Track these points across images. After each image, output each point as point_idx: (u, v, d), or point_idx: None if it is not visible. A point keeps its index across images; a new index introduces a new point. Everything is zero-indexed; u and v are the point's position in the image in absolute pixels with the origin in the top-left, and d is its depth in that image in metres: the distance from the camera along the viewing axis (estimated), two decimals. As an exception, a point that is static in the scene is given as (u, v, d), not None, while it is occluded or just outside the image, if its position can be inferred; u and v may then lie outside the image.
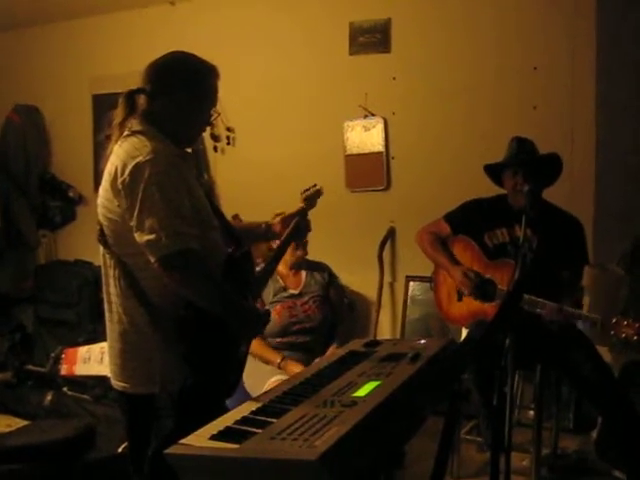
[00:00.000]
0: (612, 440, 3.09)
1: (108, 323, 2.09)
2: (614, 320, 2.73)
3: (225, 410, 1.61)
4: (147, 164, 1.88)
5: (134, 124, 2.01)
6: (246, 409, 1.52)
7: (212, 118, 2.15)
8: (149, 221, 1.86)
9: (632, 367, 3.33)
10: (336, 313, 3.77)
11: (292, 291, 3.60)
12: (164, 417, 1.96)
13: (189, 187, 1.97)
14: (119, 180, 1.90)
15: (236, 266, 2.10)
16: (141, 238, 1.87)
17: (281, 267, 3.62)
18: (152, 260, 1.88)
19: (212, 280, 1.97)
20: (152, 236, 1.85)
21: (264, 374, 3.26)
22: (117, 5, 4.98)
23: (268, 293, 3.54)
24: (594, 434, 3.34)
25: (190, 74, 2.07)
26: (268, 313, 2.26)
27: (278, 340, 3.46)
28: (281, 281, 3.61)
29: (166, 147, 1.98)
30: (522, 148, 3.11)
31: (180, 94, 2.03)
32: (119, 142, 1.99)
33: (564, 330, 2.86)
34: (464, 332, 3.25)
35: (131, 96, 2.05)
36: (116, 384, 2.10)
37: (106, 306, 2.09)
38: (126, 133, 2.00)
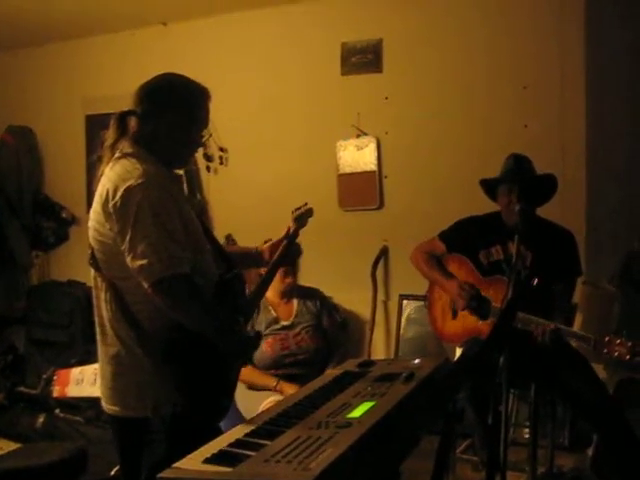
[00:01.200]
0: (608, 457, 3.08)
1: (100, 346, 2.07)
2: (607, 339, 2.72)
3: (217, 433, 1.60)
4: (138, 188, 1.87)
5: (125, 146, 2.01)
6: (240, 432, 1.51)
7: (203, 139, 2.15)
8: (141, 246, 1.85)
9: (627, 384, 3.32)
10: (330, 340, 3.75)
11: (284, 322, 3.57)
12: (156, 441, 1.93)
13: (180, 210, 1.97)
14: (110, 204, 1.89)
15: (227, 288, 2.09)
16: (133, 263, 1.86)
17: (272, 296, 3.61)
18: (145, 285, 1.86)
19: (204, 304, 1.95)
20: (144, 261, 1.84)
21: (259, 396, 3.24)
22: (110, 26, 5.00)
23: (260, 324, 3.51)
24: (590, 452, 3.33)
25: (181, 96, 2.06)
26: (259, 336, 2.25)
27: (271, 372, 3.44)
28: (273, 312, 3.58)
29: (157, 170, 1.97)
30: (518, 165, 3.11)
31: (171, 116, 2.03)
32: (110, 164, 1.99)
33: (558, 348, 2.85)
34: (458, 351, 3.25)
35: (122, 118, 2.04)
36: (107, 407, 2.07)
37: (98, 329, 2.07)
38: (117, 155, 1.99)
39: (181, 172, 2.24)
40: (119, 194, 1.88)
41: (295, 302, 3.66)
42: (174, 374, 1.94)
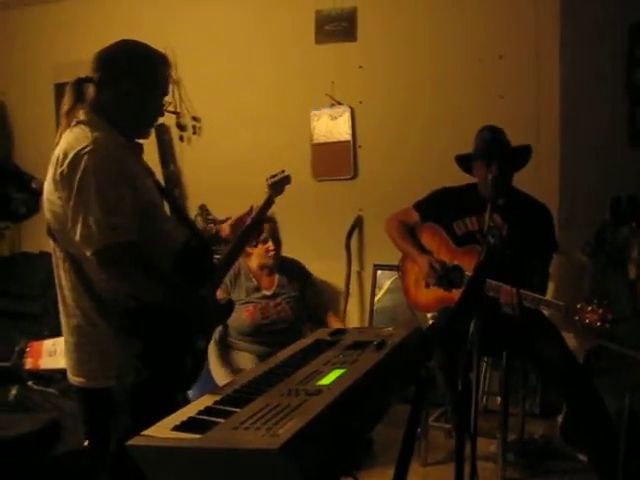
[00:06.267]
0: (576, 424, 3.13)
1: (62, 317, 2.05)
2: (578, 306, 2.76)
3: (182, 403, 1.59)
4: (85, 155, 1.82)
5: (80, 114, 1.96)
6: (210, 399, 1.50)
7: (164, 107, 2.11)
8: (83, 214, 1.81)
9: (596, 352, 3.37)
10: (312, 314, 3.76)
11: (265, 292, 3.58)
12: (121, 411, 1.92)
13: (133, 179, 1.91)
14: (58, 171, 1.85)
15: (192, 255, 2.06)
16: (75, 232, 1.82)
17: (254, 266, 3.62)
18: (87, 254, 1.83)
19: (154, 272, 1.90)
20: (85, 230, 1.81)
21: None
22: (79, -9, 4.90)
23: (240, 292, 3.53)
24: (559, 419, 3.39)
25: (138, 63, 2.01)
26: (231, 303, 2.23)
27: (250, 338, 3.46)
28: (254, 280, 3.58)
29: (110, 138, 1.92)
30: (493, 139, 3.10)
31: (128, 84, 1.97)
32: (66, 132, 1.94)
33: (529, 316, 2.88)
34: (431, 319, 3.27)
35: (78, 85, 1.99)
36: (73, 379, 2.05)
37: (60, 300, 2.04)
38: (73, 123, 1.95)
39: (142, 141, 2.15)
40: (67, 162, 1.84)
41: (277, 276, 3.66)
42: (135, 342, 1.91)
